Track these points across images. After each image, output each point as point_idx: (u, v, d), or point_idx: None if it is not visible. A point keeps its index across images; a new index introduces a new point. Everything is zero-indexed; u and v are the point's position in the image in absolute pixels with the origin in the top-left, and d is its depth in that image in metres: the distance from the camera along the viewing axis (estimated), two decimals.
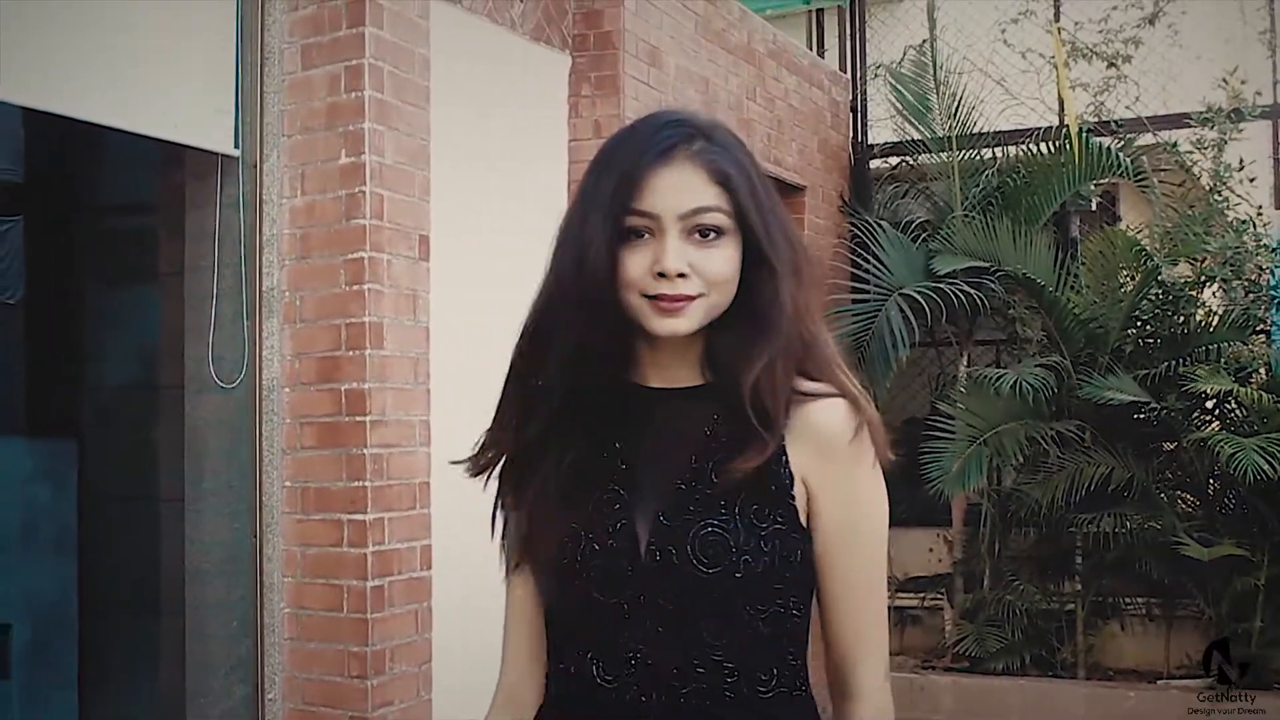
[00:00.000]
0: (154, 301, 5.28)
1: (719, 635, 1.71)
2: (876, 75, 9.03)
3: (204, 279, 4.93)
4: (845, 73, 9.10)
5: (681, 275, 1.66)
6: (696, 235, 1.68)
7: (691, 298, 1.67)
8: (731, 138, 1.77)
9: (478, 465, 1.90)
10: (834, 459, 1.74)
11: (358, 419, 4.64)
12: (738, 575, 1.69)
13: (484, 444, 1.91)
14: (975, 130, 8.34)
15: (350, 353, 4.67)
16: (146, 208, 5.48)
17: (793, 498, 1.73)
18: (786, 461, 1.73)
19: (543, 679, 1.88)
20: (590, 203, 1.72)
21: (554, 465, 1.81)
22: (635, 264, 1.68)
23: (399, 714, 4.69)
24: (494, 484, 1.90)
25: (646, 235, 1.69)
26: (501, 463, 1.88)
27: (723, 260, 1.69)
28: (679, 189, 1.67)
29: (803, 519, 1.75)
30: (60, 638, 4.93)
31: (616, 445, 1.79)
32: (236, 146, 4.85)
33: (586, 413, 1.80)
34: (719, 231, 1.69)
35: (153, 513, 5.17)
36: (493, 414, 1.91)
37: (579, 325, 1.72)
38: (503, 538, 1.93)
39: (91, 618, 4.98)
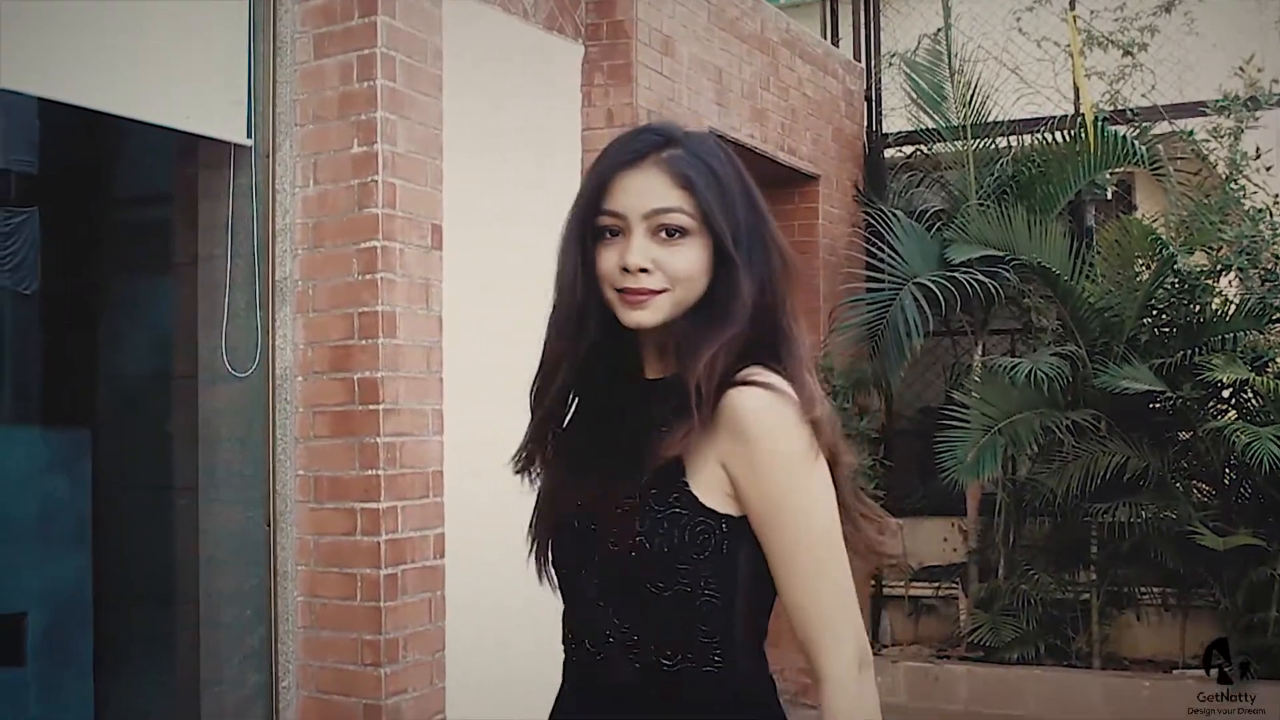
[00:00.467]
0: (167, 291, 5.29)
1: (624, 610, 1.86)
2: (891, 64, 9.00)
3: (217, 268, 4.94)
4: (859, 61, 9.08)
5: (644, 270, 1.81)
6: (662, 234, 1.83)
7: (655, 292, 1.82)
8: (709, 147, 1.89)
9: (517, 463, 2.04)
10: (745, 442, 1.80)
11: (370, 408, 4.65)
12: (633, 555, 1.82)
13: (522, 440, 2.04)
14: (990, 119, 8.32)
15: (363, 341, 4.68)
16: (160, 198, 5.49)
17: (684, 482, 1.82)
18: None
19: None
20: (574, 205, 1.91)
21: (559, 454, 2.00)
22: (606, 260, 1.85)
23: (412, 702, 4.70)
24: (508, 476, 2.05)
25: (618, 234, 1.84)
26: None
27: (685, 258, 1.82)
28: (643, 191, 1.83)
29: (708, 502, 1.82)
30: (75, 626, 4.94)
31: (605, 434, 1.94)
32: (249, 136, 4.86)
33: (597, 404, 1.98)
34: (683, 231, 1.83)
35: (167, 501, 5.18)
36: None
37: (574, 320, 1.89)
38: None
39: (106, 606, 5.00)
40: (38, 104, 5.06)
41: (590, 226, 1.86)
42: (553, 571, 1.99)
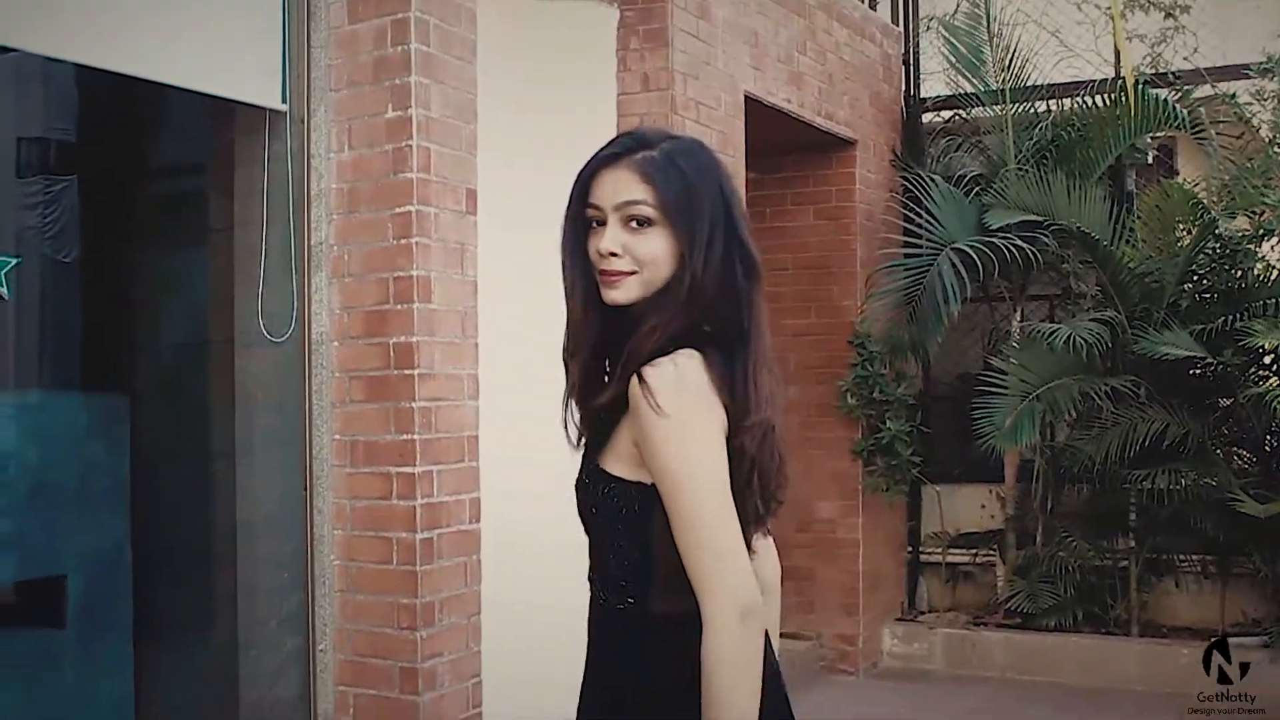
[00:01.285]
0: (204, 257, 5.31)
1: (591, 559, 2.21)
2: (929, 28, 8.94)
3: (253, 234, 4.96)
4: (897, 25, 9.00)
5: (615, 254, 2.08)
6: (632, 224, 2.09)
7: (626, 274, 2.09)
8: (685, 151, 2.13)
9: (576, 441, 2.25)
10: (635, 414, 2.03)
11: (406, 372, 4.66)
12: (584, 514, 2.18)
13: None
14: (1029, 83, 8.24)
15: (398, 306, 4.68)
16: (196, 164, 5.50)
17: (599, 454, 2.13)
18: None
19: None
20: (568, 199, 2.17)
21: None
22: (591, 246, 2.13)
23: (448, 665, 4.72)
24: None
25: (602, 225, 2.11)
26: None
27: (649, 244, 2.08)
28: (615, 186, 2.10)
29: (618, 472, 2.10)
30: (114, 589, 4.97)
31: None
32: (284, 102, 4.86)
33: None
34: (649, 221, 2.09)
35: (204, 466, 5.21)
36: None
37: (575, 296, 2.18)
38: None
39: (145, 570, 5.02)
40: (75, 71, 5.07)
41: (582, 217, 2.14)
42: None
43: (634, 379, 2.02)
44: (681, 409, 1.99)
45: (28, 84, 5.31)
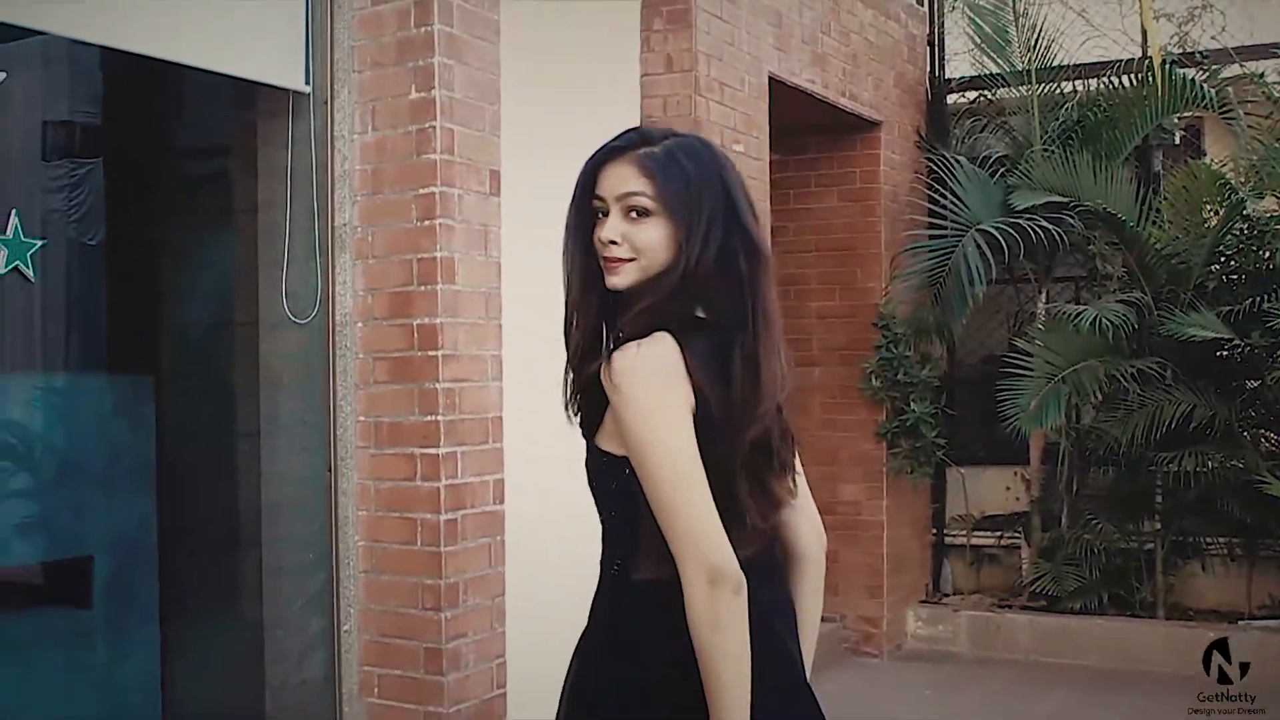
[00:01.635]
0: (228, 239, 5.31)
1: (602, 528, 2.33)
2: (954, 8, 8.88)
3: (277, 216, 4.96)
4: (922, 6, 8.94)
5: (614, 243, 2.21)
6: (633, 214, 2.21)
7: (624, 260, 2.22)
8: (686, 146, 2.26)
9: (574, 418, 2.37)
10: (610, 392, 2.15)
11: (430, 354, 4.66)
12: (589, 488, 2.30)
13: None
14: (1055, 63, 8.19)
15: (422, 287, 4.68)
16: (219, 146, 5.50)
17: (595, 430, 2.26)
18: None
19: None
20: (573, 191, 2.31)
21: None
22: (596, 235, 2.25)
23: (473, 646, 4.73)
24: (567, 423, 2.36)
25: (606, 215, 2.24)
26: None
27: (646, 234, 2.21)
28: (617, 179, 2.23)
29: (607, 447, 2.23)
30: (140, 570, 5.00)
31: None
32: (307, 83, 4.86)
33: None
34: (647, 212, 2.21)
35: (229, 447, 5.22)
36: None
37: (576, 283, 2.32)
38: None
39: (170, 551, 5.04)
40: (100, 54, 5.08)
41: (587, 207, 2.27)
42: None
43: (609, 358, 2.15)
44: (638, 387, 2.11)
45: (53, 67, 5.32)
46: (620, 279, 2.23)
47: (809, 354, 8.19)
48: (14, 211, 4.42)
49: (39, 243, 4.50)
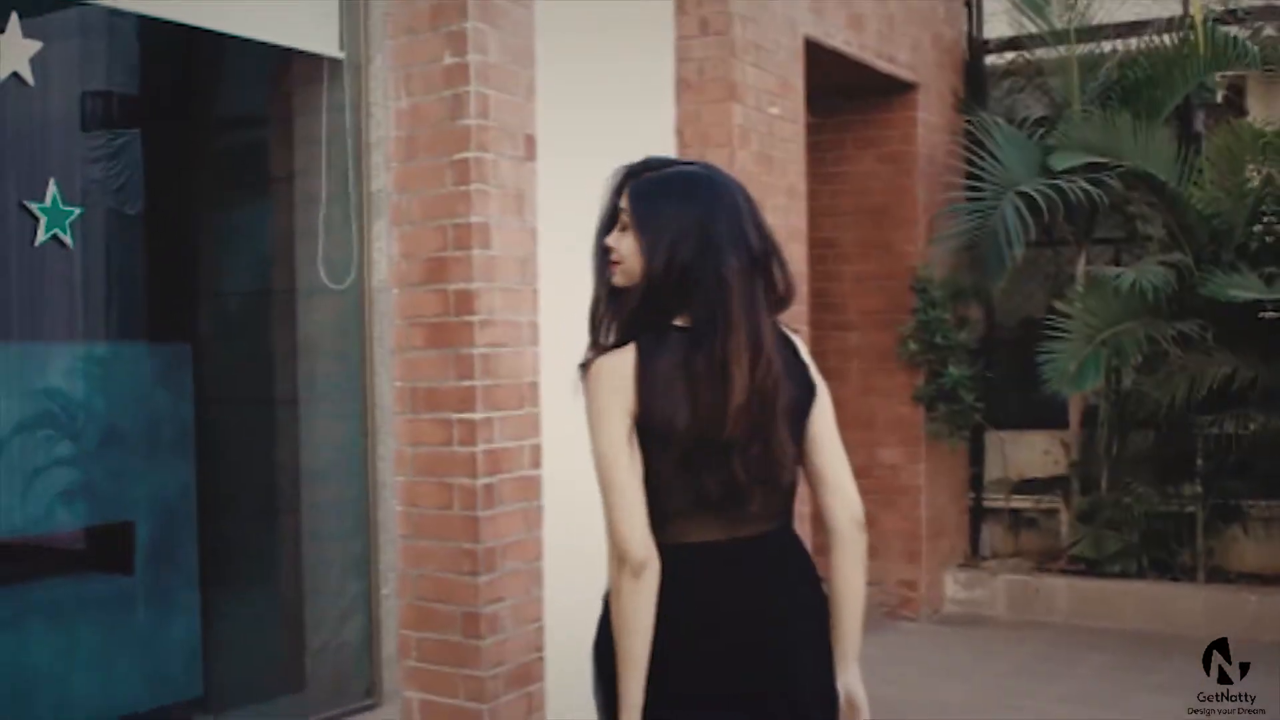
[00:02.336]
0: (265, 207, 5.33)
1: None
2: None
3: (312, 183, 4.97)
4: None
5: (610, 248, 2.62)
6: (624, 227, 2.60)
7: (616, 263, 2.61)
8: (674, 175, 2.63)
9: None
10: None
11: (466, 319, 4.66)
12: None
13: None
14: (1095, 22, 8.11)
15: (457, 253, 4.68)
16: (255, 114, 5.51)
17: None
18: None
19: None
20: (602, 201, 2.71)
21: None
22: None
23: (510, 610, 4.75)
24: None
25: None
26: None
27: (626, 243, 2.59)
28: (624, 196, 2.63)
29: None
30: (181, 535, 5.03)
31: None
32: (341, 50, 4.86)
33: None
34: (627, 227, 2.60)
35: (267, 414, 5.25)
36: None
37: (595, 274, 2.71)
38: None
39: (210, 517, 5.08)
40: (137, 23, 5.09)
41: (614, 213, 2.64)
42: None
43: None
44: (588, 397, 2.53)
45: (91, 37, 5.33)
46: (615, 278, 2.62)
47: (845, 318, 8.16)
48: (52, 180, 4.44)
49: (77, 211, 4.52)
